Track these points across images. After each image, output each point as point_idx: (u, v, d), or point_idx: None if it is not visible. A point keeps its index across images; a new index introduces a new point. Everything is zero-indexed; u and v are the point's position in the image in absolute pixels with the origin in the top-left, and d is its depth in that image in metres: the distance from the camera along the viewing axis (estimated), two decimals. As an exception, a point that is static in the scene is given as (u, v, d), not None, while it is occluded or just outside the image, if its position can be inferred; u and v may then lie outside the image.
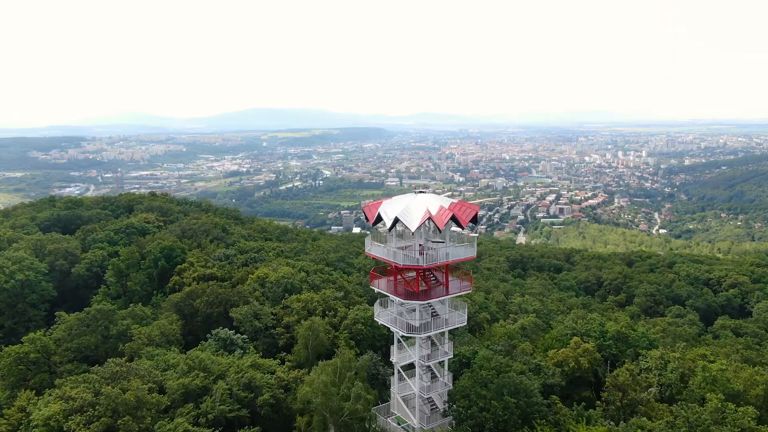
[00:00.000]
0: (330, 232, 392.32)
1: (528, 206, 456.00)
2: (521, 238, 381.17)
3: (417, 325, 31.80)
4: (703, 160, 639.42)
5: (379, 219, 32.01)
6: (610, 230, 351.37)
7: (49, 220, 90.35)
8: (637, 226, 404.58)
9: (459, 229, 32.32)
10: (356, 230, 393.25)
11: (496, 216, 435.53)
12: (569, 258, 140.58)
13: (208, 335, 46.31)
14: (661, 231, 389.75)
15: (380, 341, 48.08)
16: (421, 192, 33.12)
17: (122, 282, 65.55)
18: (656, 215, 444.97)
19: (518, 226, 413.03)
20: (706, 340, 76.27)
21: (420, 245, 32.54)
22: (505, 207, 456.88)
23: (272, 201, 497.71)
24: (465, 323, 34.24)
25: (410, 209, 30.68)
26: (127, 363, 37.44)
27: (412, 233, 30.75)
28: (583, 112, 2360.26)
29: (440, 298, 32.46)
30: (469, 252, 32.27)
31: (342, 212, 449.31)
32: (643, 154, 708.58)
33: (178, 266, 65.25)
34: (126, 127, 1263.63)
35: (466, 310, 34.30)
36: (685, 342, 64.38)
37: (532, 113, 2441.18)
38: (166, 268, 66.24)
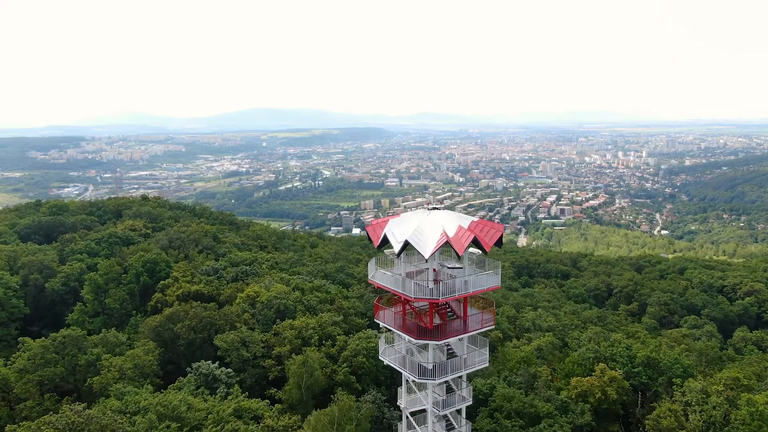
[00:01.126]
0: (329, 233, 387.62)
1: (529, 207, 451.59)
2: (522, 239, 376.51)
3: (430, 367, 26.69)
4: (704, 161, 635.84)
5: (385, 241, 26.91)
6: (612, 232, 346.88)
7: (30, 228, 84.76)
8: (639, 227, 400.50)
9: (478, 251, 27.22)
10: (356, 231, 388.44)
11: (497, 217, 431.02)
12: (576, 263, 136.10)
13: (188, 369, 40.88)
14: (663, 232, 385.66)
15: (384, 374, 42.77)
16: (434, 209, 27.77)
17: (100, 299, 59.82)
18: (657, 216, 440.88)
19: (519, 227, 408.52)
20: (729, 355, 71.60)
21: (434, 270, 27.50)
22: (506, 208, 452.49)
23: (272, 201, 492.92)
24: (487, 363, 29.03)
25: (423, 231, 25.66)
26: (86, 411, 31.50)
27: (426, 260, 25.57)
28: (583, 112, 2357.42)
29: (458, 337, 27.37)
30: (492, 281, 26.91)
31: (342, 213, 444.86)
32: (644, 154, 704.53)
33: (162, 282, 59.72)
34: (125, 127, 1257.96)
35: (488, 347, 29.05)
36: (710, 359, 59.65)
37: (532, 113, 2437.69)
38: (148, 284, 60.79)
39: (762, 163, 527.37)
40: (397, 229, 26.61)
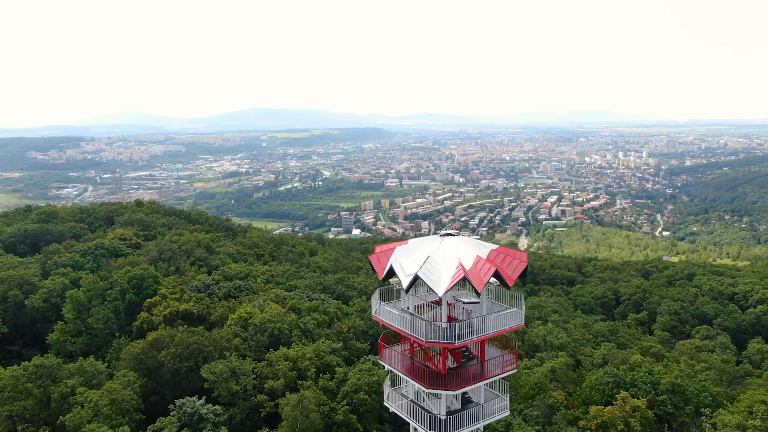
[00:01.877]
0: (329, 234, 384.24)
1: (529, 208, 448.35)
2: (523, 241, 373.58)
3: (443, 418, 23.26)
4: (704, 161, 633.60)
5: (391, 273, 23.43)
6: (613, 233, 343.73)
7: (15, 236, 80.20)
8: (640, 228, 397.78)
9: (497, 280, 23.80)
10: (356, 232, 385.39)
11: (498, 218, 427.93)
12: (581, 268, 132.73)
13: (171, 407, 36.78)
14: (665, 233, 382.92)
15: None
16: (447, 235, 24.25)
17: (83, 317, 55.50)
18: (659, 217, 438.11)
19: (520, 228, 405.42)
20: (747, 369, 68.18)
21: (448, 304, 24.10)
22: (506, 208, 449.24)
23: (271, 202, 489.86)
24: (508, 412, 25.46)
25: (436, 262, 22.28)
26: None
27: (440, 297, 22.13)
28: (583, 112, 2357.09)
29: (477, 385, 23.78)
30: (516, 319, 23.51)
31: (342, 213, 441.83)
32: (644, 154, 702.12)
33: (148, 300, 55.42)
34: (125, 127, 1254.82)
35: (509, 392, 25.56)
36: (731, 378, 56.32)
37: (531, 113, 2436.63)
38: (135, 301, 56.64)
39: (763, 163, 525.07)
40: (406, 260, 23.12)
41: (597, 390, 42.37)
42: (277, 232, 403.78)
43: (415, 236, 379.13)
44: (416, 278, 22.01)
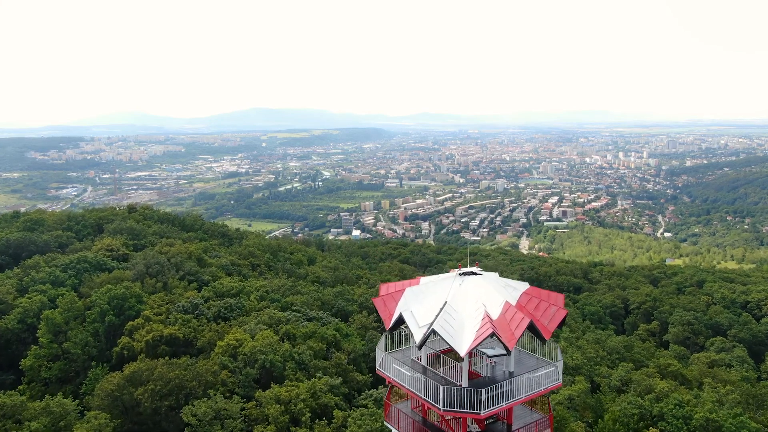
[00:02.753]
0: (329, 235, 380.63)
1: (530, 209, 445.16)
2: (524, 242, 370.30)
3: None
4: (705, 162, 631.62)
5: (401, 321, 19.44)
6: (615, 234, 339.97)
7: (-4, 246, 74.45)
8: (642, 229, 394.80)
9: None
10: (356, 233, 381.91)
11: (498, 219, 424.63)
12: (587, 274, 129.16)
13: None
14: (666, 234, 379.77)
15: None
16: (468, 273, 20.04)
17: (59, 341, 50.87)
18: (660, 218, 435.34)
19: (521, 229, 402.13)
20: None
21: (469, 356, 19.62)
22: (507, 209, 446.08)
23: (271, 202, 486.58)
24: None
25: (455, 311, 18.18)
26: None
27: (461, 357, 17.89)
28: (582, 113, 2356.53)
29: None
30: (552, 377, 19.57)
31: (341, 214, 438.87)
32: (644, 155, 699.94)
33: (130, 323, 50.69)
34: (125, 127, 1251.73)
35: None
36: (759, 401, 52.37)
37: (531, 113, 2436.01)
38: (116, 324, 51.96)
39: (764, 164, 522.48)
40: (418, 307, 19.00)
41: (622, 423, 38.62)
42: (277, 233, 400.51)
43: (415, 237, 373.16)
44: (432, 332, 18.10)
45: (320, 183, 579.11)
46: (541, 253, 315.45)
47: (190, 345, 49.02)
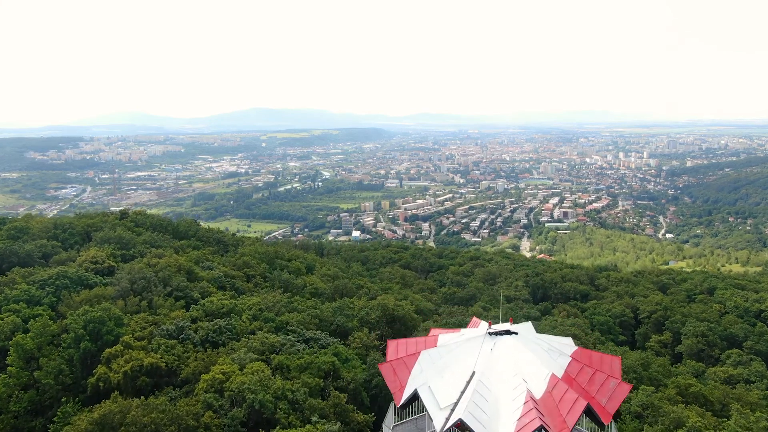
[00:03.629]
0: (329, 236, 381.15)
1: (531, 209, 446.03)
2: (525, 243, 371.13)
3: None
4: (705, 162, 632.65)
5: (414, 398, 15.83)
6: (617, 236, 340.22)
7: (-26, 259, 68.13)
8: (643, 230, 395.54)
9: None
10: (356, 233, 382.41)
11: (499, 220, 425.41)
12: (594, 281, 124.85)
13: None
14: (668, 236, 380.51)
15: None
16: (502, 333, 15.85)
17: (30, 368, 46.27)
18: (661, 219, 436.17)
19: (522, 230, 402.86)
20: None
21: None
22: (508, 210, 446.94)
23: (271, 203, 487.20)
24: None
25: (488, 390, 14.27)
26: None
27: None
28: (582, 113, 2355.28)
29: None
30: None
31: (341, 215, 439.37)
32: (645, 155, 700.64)
33: (108, 350, 45.55)
34: (124, 127, 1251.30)
35: None
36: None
37: (531, 113, 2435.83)
38: (92, 351, 46.95)
39: (765, 164, 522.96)
40: (438, 382, 15.11)
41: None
42: (277, 233, 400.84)
43: (415, 238, 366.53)
44: (460, 423, 14.18)
45: (320, 183, 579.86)
46: (542, 255, 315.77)
47: (174, 375, 45.15)
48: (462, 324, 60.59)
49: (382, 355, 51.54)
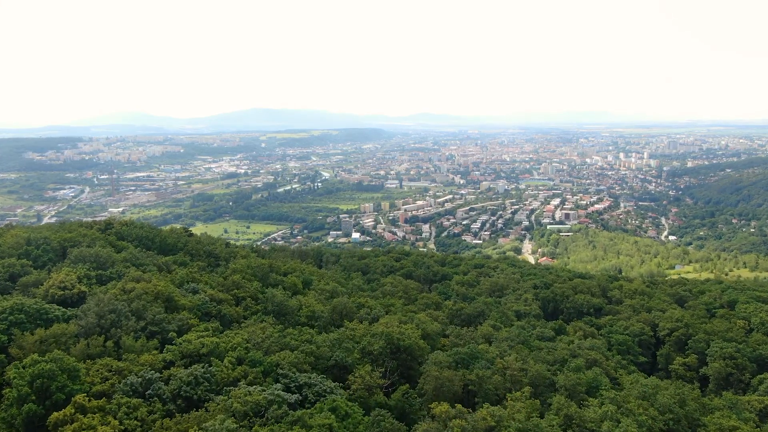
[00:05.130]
0: (329, 238, 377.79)
1: (532, 211, 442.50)
2: (527, 245, 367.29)
3: None
4: (706, 162, 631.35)
5: None
6: (620, 239, 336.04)
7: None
8: (645, 232, 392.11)
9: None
10: (356, 235, 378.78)
11: (500, 221, 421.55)
12: (606, 292, 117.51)
13: None
14: (671, 237, 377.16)
15: None
16: None
17: None
18: (663, 220, 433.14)
19: (523, 232, 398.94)
20: None
21: None
22: (509, 211, 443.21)
23: (270, 204, 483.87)
24: None
25: None
26: None
27: None
28: (582, 113, 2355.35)
29: None
30: None
31: (341, 216, 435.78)
32: (645, 155, 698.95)
33: (55, 414, 37.36)
34: (124, 127, 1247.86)
35: None
36: None
37: (530, 114, 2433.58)
38: (38, 414, 38.79)
39: (766, 165, 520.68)
40: None
41: None
42: (276, 234, 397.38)
43: (415, 240, 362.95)
44: None
45: (319, 184, 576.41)
46: (545, 258, 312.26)
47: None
48: (474, 353, 56.25)
49: (387, 398, 47.39)
